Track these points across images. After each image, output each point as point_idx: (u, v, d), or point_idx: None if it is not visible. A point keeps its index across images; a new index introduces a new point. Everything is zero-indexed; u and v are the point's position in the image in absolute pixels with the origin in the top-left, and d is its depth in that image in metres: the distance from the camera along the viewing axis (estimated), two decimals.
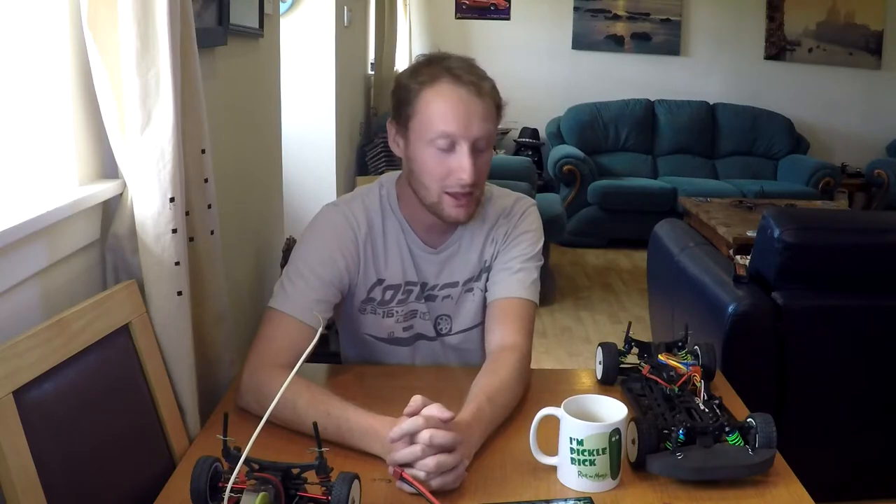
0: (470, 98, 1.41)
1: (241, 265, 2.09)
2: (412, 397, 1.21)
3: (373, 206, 1.56)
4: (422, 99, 1.43)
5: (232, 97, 2.03)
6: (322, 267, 1.49)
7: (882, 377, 2.28)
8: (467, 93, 1.41)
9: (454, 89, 1.41)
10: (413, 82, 1.44)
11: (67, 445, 1.07)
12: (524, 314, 1.54)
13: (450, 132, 1.41)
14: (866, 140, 6.71)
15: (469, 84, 1.41)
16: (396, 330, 1.60)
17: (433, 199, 1.47)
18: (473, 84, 1.42)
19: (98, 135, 1.29)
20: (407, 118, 1.46)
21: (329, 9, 3.69)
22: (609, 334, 4.10)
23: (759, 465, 1.21)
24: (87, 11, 1.18)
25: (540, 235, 1.62)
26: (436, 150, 1.42)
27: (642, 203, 5.81)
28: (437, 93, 1.42)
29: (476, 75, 1.44)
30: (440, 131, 1.41)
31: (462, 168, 1.41)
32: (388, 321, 1.59)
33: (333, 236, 1.52)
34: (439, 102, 1.41)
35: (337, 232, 1.52)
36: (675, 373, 1.42)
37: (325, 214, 1.56)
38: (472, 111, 1.41)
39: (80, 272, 1.27)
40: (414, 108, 1.44)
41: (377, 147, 4.47)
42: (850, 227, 2.35)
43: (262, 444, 1.01)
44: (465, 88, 1.41)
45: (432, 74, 1.43)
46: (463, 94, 1.41)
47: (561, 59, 6.76)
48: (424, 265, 1.58)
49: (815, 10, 6.72)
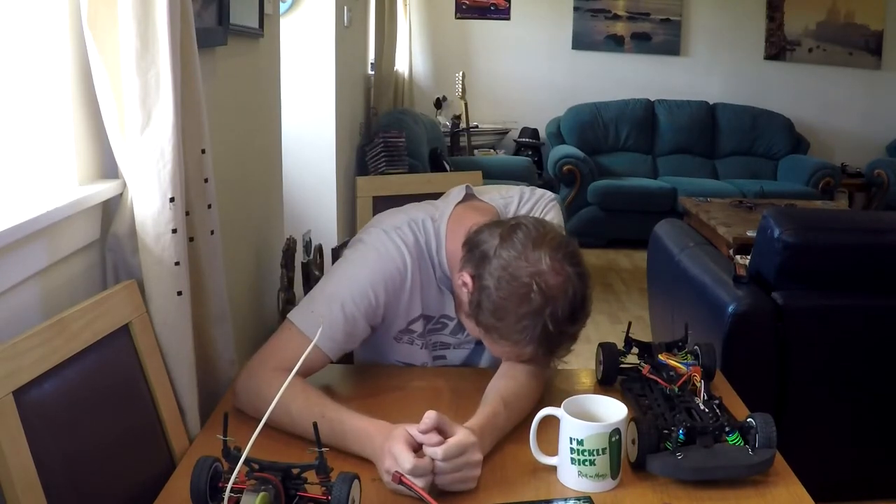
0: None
1: (241, 265, 2.09)
2: (426, 413, 1.17)
3: (420, 239, 1.48)
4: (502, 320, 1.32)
5: (232, 97, 2.03)
6: (358, 301, 1.40)
7: (882, 377, 2.28)
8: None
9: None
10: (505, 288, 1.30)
11: (67, 445, 1.07)
12: None
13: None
14: (866, 140, 6.70)
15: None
16: (428, 360, 1.58)
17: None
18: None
19: (98, 135, 1.29)
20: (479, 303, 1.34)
21: (329, 9, 3.69)
22: (609, 334, 4.09)
23: (759, 465, 1.21)
24: (87, 11, 1.19)
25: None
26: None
27: (642, 203, 5.80)
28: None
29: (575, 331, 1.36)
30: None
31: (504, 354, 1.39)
32: (424, 352, 1.57)
33: (383, 271, 1.43)
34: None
35: (387, 266, 1.43)
36: (675, 373, 1.42)
37: (380, 244, 1.45)
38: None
39: (80, 272, 1.27)
40: (492, 312, 1.32)
41: (377, 147, 4.47)
42: (850, 227, 2.35)
43: (262, 444, 1.01)
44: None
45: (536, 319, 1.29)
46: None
47: (561, 59, 6.76)
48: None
49: (815, 10, 6.71)
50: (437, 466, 1.14)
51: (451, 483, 1.16)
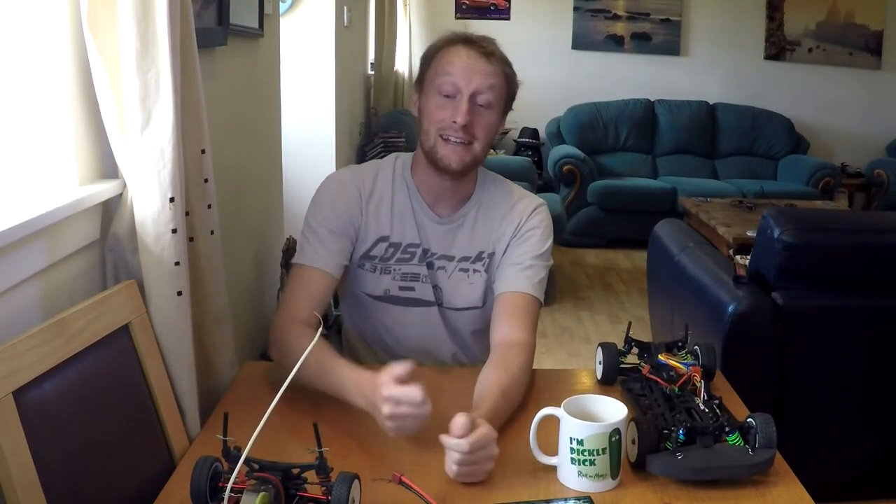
0: (477, 56, 1.54)
1: (241, 265, 2.09)
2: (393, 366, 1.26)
3: (384, 169, 1.67)
4: (436, 56, 1.58)
5: (232, 97, 2.03)
6: (328, 218, 1.60)
7: (882, 377, 2.28)
8: (476, 52, 1.55)
9: (464, 48, 1.56)
10: (433, 47, 1.60)
11: (67, 445, 1.07)
12: (531, 311, 1.57)
13: (452, 76, 1.53)
14: (866, 140, 6.71)
15: (479, 47, 1.55)
16: (392, 288, 1.64)
17: (431, 143, 1.56)
18: (483, 48, 1.56)
19: (98, 135, 1.29)
20: (423, 75, 1.60)
21: (329, 9, 3.69)
22: (609, 334, 4.10)
23: (759, 465, 1.21)
24: (87, 11, 1.18)
25: (549, 234, 1.65)
26: (438, 96, 1.54)
27: (642, 203, 5.80)
28: (450, 50, 1.57)
29: (489, 43, 1.57)
30: (444, 74, 1.54)
31: (457, 111, 1.52)
32: (385, 278, 1.64)
33: (338, 190, 1.63)
34: (450, 56, 1.56)
35: (342, 186, 1.64)
36: (675, 373, 1.42)
37: (333, 173, 1.71)
38: (477, 66, 1.54)
39: (80, 272, 1.27)
40: (429, 64, 1.58)
41: (377, 147, 4.47)
42: (850, 227, 2.35)
43: (262, 444, 1.01)
44: (475, 49, 1.55)
45: (451, 39, 1.59)
46: (472, 52, 1.55)
47: (561, 59, 6.76)
48: (429, 232, 1.64)
49: (815, 10, 6.72)
50: (460, 458, 1.16)
51: (469, 474, 1.18)
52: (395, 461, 1.24)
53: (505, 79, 1.57)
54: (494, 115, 1.57)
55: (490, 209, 1.65)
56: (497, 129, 1.60)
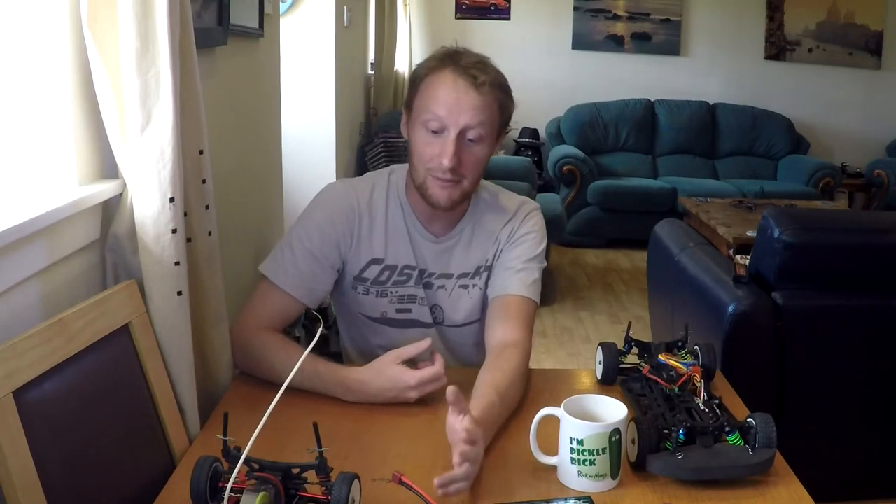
0: (466, 88, 1.46)
1: (241, 265, 2.09)
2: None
3: (379, 187, 1.62)
4: (424, 83, 1.50)
5: (232, 97, 2.03)
6: (312, 239, 1.55)
7: (882, 377, 2.28)
8: (465, 83, 1.46)
9: (453, 77, 1.47)
10: (422, 69, 1.53)
11: (67, 445, 1.07)
12: (525, 312, 1.56)
13: (439, 115, 1.46)
14: (866, 140, 6.71)
15: (469, 76, 1.47)
16: (389, 310, 1.62)
17: (420, 179, 1.52)
18: (473, 77, 1.47)
19: (98, 135, 1.29)
20: (411, 101, 1.54)
21: (329, 9, 3.69)
22: (609, 334, 4.10)
23: (759, 465, 1.21)
24: (87, 11, 1.18)
25: (543, 237, 1.64)
26: (426, 132, 1.49)
27: (642, 203, 5.80)
28: (438, 78, 1.48)
29: (480, 70, 1.48)
30: (431, 112, 1.47)
31: (444, 153, 1.46)
32: (382, 301, 1.62)
33: (330, 208, 1.58)
34: (437, 86, 1.47)
35: (335, 204, 1.59)
36: (675, 373, 1.42)
37: (329, 187, 1.64)
38: (465, 101, 1.46)
39: (80, 272, 1.27)
40: (417, 91, 1.52)
41: (377, 147, 4.47)
42: (850, 227, 2.35)
43: (262, 444, 1.01)
44: (464, 79, 1.46)
45: (440, 63, 1.50)
46: (460, 83, 1.46)
47: (561, 59, 6.76)
48: (424, 252, 1.61)
49: (815, 10, 6.72)
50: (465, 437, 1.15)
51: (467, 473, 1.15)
52: (395, 461, 1.24)
53: (498, 107, 1.50)
54: (486, 147, 1.51)
55: (485, 223, 1.63)
56: (490, 156, 1.54)
